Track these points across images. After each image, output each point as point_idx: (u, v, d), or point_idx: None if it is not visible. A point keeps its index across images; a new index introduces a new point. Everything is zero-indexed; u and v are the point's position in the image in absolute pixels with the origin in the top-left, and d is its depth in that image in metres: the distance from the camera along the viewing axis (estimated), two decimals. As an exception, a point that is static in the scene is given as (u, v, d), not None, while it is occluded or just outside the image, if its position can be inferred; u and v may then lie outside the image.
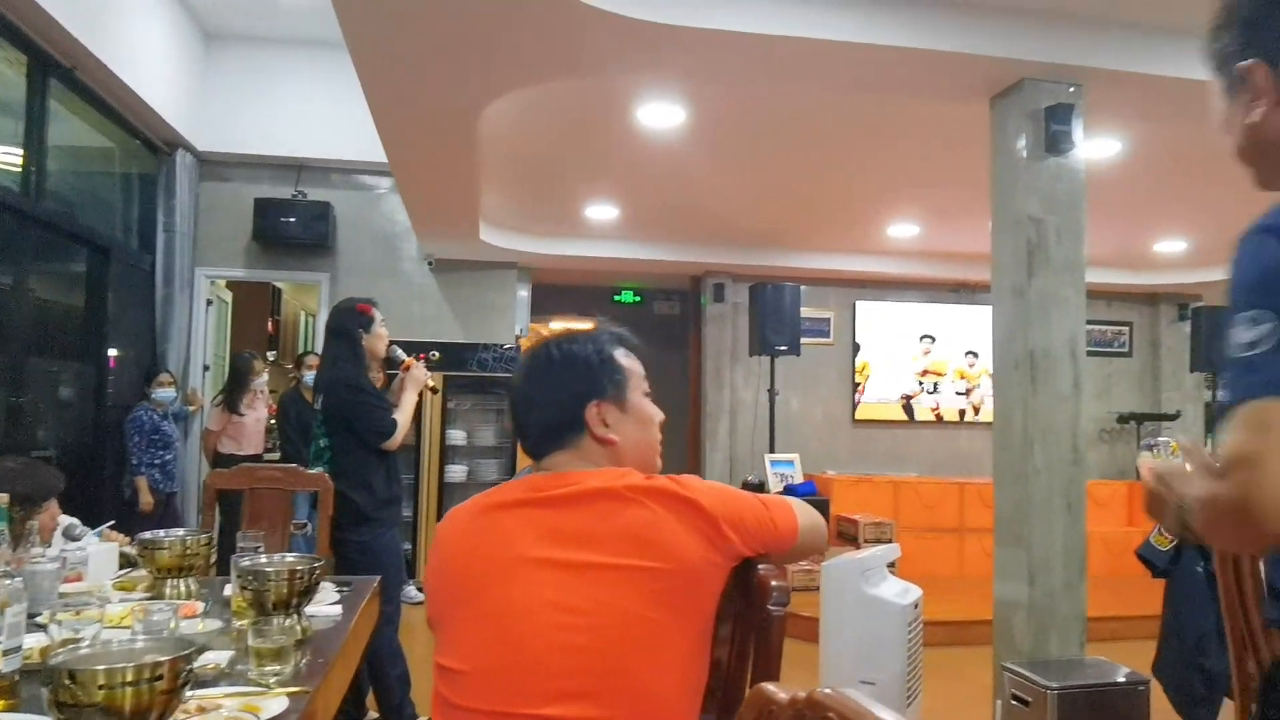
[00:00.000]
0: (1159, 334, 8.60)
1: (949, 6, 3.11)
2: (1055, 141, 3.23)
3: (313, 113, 6.32)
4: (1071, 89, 3.32)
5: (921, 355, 8.27)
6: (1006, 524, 3.38)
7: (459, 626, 1.23)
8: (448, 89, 3.45)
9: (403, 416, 3.27)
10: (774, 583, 1.30)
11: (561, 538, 1.22)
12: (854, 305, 8.15)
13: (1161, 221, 6.51)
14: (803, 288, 7.40)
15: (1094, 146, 4.56)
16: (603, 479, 1.26)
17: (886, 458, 8.10)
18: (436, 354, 6.31)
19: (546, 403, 1.35)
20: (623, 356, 1.40)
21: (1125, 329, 8.62)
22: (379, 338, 3.33)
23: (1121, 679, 3.07)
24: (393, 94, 3.55)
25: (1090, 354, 8.36)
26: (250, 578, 1.65)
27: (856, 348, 8.18)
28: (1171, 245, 7.24)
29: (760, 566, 1.32)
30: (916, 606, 3.56)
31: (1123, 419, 8.31)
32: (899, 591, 3.45)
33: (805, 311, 7.55)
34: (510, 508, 1.27)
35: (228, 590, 2.02)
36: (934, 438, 8.26)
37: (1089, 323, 8.87)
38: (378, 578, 2.54)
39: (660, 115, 4.22)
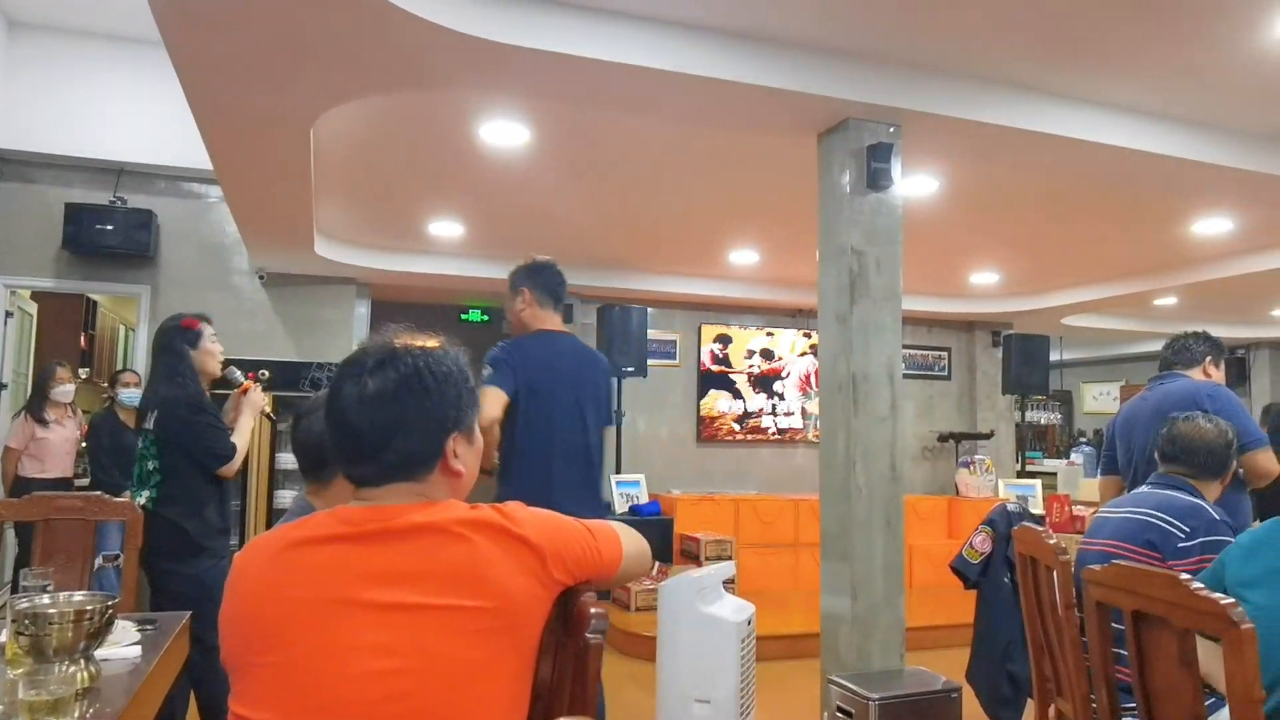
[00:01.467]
0: (975, 358, 9.23)
1: (779, 45, 3.24)
2: (875, 178, 3.43)
3: (135, 113, 5.91)
4: (891, 129, 3.53)
5: (762, 376, 8.54)
6: (831, 540, 3.53)
7: (262, 674, 1.12)
8: (277, 97, 3.31)
9: (241, 441, 3.13)
10: (593, 610, 1.30)
11: (380, 577, 1.13)
12: (699, 328, 8.34)
13: (975, 254, 7.00)
14: (650, 310, 7.54)
15: (914, 184, 4.87)
16: (426, 513, 1.18)
17: (729, 476, 8.31)
18: (266, 373, 5.98)
19: (414, 429, 1.22)
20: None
21: (944, 354, 9.22)
22: (208, 354, 3.18)
23: (937, 687, 3.24)
24: (217, 100, 3.37)
25: (913, 377, 8.98)
26: (26, 622, 1.50)
27: (701, 368, 8.35)
28: (985, 277, 7.80)
29: (582, 595, 1.31)
30: (750, 623, 3.65)
31: (943, 438, 8.85)
32: (733, 609, 3.53)
33: (652, 333, 7.68)
34: (321, 543, 1.16)
35: (3, 636, 1.84)
36: (772, 456, 8.55)
37: (912, 347, 9.46)
38: (188, 614, 2.38)
39: (504, 133, 4.19)
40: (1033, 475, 8.28)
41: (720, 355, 8.40)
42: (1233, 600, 1.58)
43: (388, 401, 1.21)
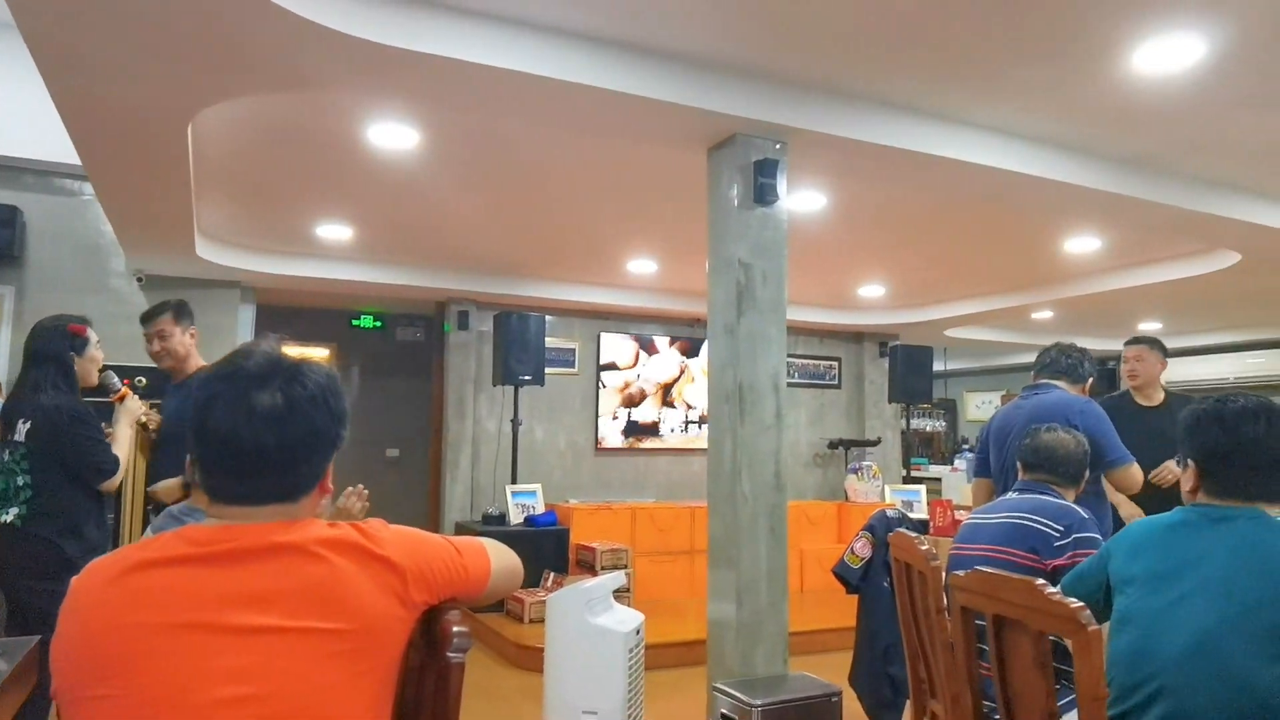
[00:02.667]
0: (863, 368, 9.51)
1: (668, 59, 3.27)
2: (762, 193, 3.50)
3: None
4: (777, 145, 3.61)
5: (662, 385, 8.60)
6: (718, 547, 3.57)
7: (99, 707, 1.05)
8: (148, 93, 3.16)
9: (123, 453, 2.98)
10: (455, 629, 1.28)
11: (233, 600, 1.09)
12: (598, 336, 8.34)
13: (863, 268, 7.22)
14: (548, 318, 7.50)
15: (802, 199, 4.99)
16: (283, 533, 1.14)
17: (627, 484, 8.33)
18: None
19: (319, 448, 1.21)
20: None
21: (835, 363, 9.47)
22: (93, 361, 3.04)
23: (818, 692, 3.32)
24: (84, 94, 3.19)
25: (805, 386, 9.18)
26: None
27: (600, 377, 8.35)
28: (872, 290, 8.05)
29: (446, 614, 1.29)
30: (638, 633, 3.66)
31: (833, 445, 9.09)
32: (621, 619, 3.53)
33: (550, 341, 7.65)
34: (169, 565, 1.11)
35: None
36: (669, 464, 8.61)
37: (804, 357, 9.64)
38: (36, 639, 2.24)
39: (393, 136, 4.10)
40: (918, 481, 8.56)
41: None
42: (1081, 604, 1.67)
43: (300, 419, 1.18)
